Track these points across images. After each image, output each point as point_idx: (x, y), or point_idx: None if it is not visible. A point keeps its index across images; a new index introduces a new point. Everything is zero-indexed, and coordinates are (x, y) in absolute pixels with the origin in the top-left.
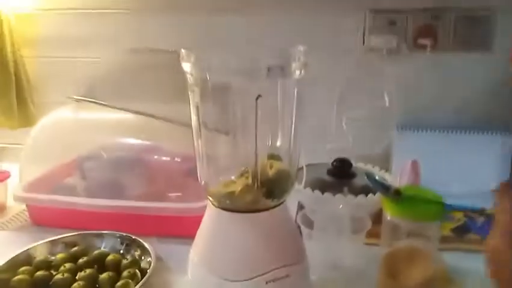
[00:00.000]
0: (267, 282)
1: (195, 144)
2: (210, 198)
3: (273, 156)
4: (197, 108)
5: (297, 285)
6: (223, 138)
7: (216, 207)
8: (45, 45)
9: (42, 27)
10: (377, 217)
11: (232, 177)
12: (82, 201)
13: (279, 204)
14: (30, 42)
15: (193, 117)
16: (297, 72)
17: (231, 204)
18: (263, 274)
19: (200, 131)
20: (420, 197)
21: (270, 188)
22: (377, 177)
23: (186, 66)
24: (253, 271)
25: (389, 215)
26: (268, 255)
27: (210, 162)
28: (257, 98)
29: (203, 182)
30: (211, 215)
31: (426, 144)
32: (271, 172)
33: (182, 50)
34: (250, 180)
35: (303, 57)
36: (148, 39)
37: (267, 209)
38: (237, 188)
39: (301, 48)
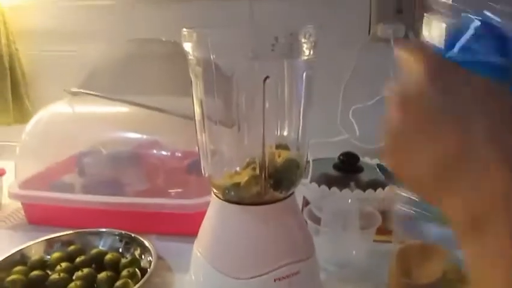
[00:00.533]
0: (275, 280)
1: (198, 136)
2: (214, 190)
3: (280, 146)
4: (200, 95)
5: (307, 282)
6: (228, 129)
7: (220, 199)
8: (40, 38)
9: (38, 20)
10: (386, 213)
11: (237, 169)
12: (79, 198)
13: (287, 197)
14: (25, 35)
15: (196, 108)
16: (307, 52)
17: (236, 196)
18: (271, 271)
19: (203, 121)
20: None
21: (278, 179)
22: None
23: (188, 47)
24: (261, 268)
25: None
26: (276, 251)
27: (214, 154)
28: (265, 80)
29: (207, 175)
30: (215, 208)
31: None
32: (279, 161)
33: (184, 29)
34: (257, 171)
35: (313, 35)
36: (144, 30)
37: (274, 201)
38: (243, 179)
39: (310, 26)
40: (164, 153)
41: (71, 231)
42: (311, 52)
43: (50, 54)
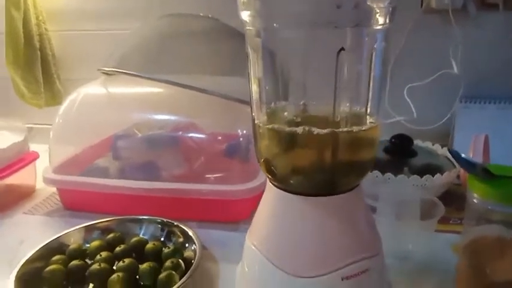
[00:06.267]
0: (342, 279)
1: (255, 117)
2: (271, 178)
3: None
4: (258, 72)
5: (376, 280)
6: (290, 108)
7: (279, 188)
8: (71, 17)
9: None
10: (443, 199)
11: (301, 153)
12: (116, 184)
13: (356, 186)
14: (55, 14)
15: (253, 86)
16: (381, 19)
17: (297, 185)
18: (339, 269)
19: (261, 100)
20: None
21: (351, 164)
22: (463, 155)
23: (245, 15)
24: (327, 266)
25: (476, 198)
26: (344, 247)
27: (272, 137)
28: (339, 52)
29: (262, 160)
30: (272, 198)
31: (494, 118)
32: (351, 143)
33: None
34: (325, 157)
35: (390, 1)
36: (179, 6)
37: (343, 192)
38: (308, 165)
39: None
40: (201, 135)
41: (110, 218)
42: (387, 20)
43: (82, 34)
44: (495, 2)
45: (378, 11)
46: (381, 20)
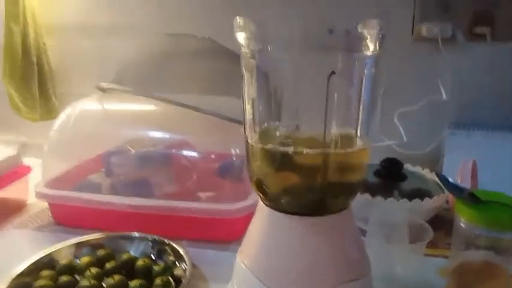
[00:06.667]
0: None
1: (249, 137)
2: (263, 198)
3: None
4: (252, 93)
5: None
6: (282, 128)
7: (270, 208)
8: (69, 32)
9: (66, 14)
10: (432, 224)
11: (292, 173)
12: (108, 200)
13: (347, 206)
14: (53, 29)
15: (247, 107)
16: (371, 46)
17: (288, 204)
18: None
19: (254, 120)
20: (507, 203)
21: (341, 185)
22: (450, 179)
23: (241, 37)
24: (316, 286)
25: (463, 222)
26: (335, 268)
27: (264, 157)
28: (330, 75)
29: (254, 179)
30: (263, 216)
31: (482, 144)
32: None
33: (238, 18)
34: (315, 177)
35: (380, 29)
36: (177, 25)
37: (334, 212)
38: (299, 185)
39: (377, 19)
40: (195, 154)
41: (101, 235)
42: (377, 46)
43: (80, 49)
44: (483, 33)
45: (368, 37)
46: (371, 47)
